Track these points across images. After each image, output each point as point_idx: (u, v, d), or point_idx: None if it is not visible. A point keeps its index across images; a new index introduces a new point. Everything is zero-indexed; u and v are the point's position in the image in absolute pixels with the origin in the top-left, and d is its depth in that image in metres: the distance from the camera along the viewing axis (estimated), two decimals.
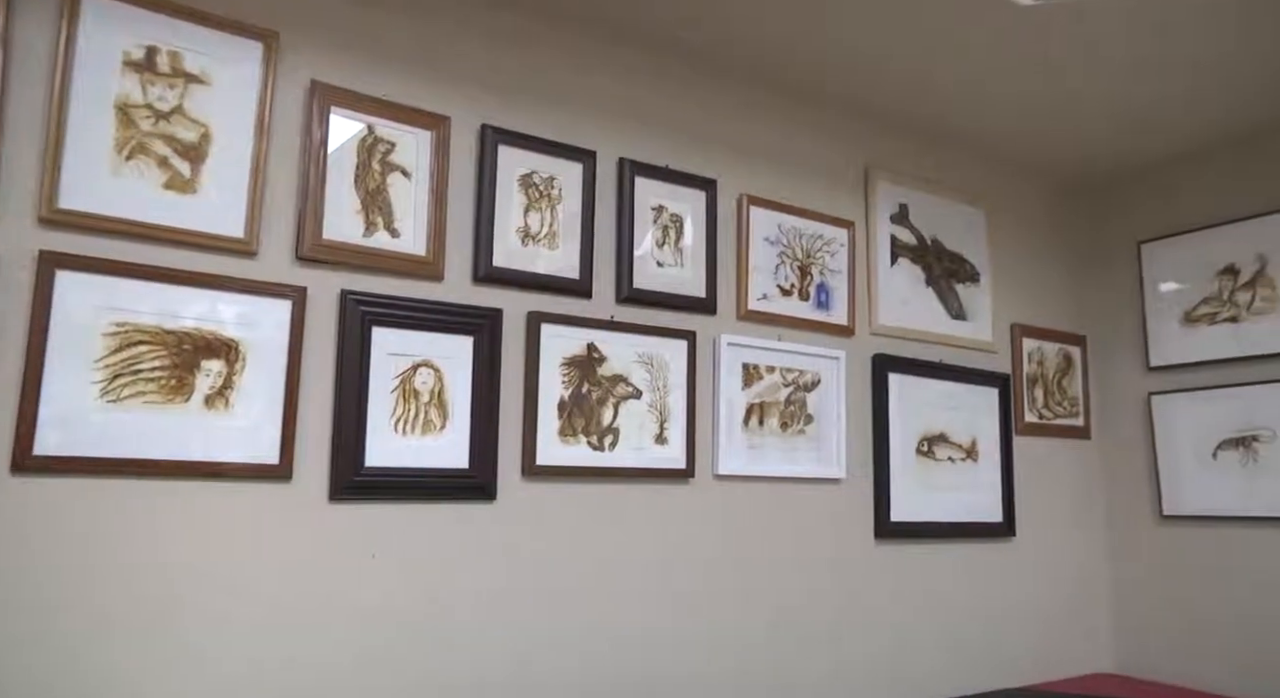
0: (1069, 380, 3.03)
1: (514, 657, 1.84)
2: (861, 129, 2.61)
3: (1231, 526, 2.68)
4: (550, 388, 1.93)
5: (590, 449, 1.97)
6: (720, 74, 2.33)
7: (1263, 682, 2.54)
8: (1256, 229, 2.69)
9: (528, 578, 1.87)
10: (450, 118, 1.91)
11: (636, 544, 2.02)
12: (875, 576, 2.41)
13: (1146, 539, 2.90)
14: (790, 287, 2.35)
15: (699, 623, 2.09)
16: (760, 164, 2.37)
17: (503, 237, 1.92)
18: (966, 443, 2.68)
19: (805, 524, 2.30)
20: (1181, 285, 2.86)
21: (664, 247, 2.15)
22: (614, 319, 2.05)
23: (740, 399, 2.21)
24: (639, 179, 2.12)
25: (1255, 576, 2.61)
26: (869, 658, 2.36)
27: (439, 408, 1.80)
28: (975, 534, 2.64)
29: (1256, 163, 2.73)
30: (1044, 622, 2.79)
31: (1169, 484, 2.84)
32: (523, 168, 1.98)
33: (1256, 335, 2.67)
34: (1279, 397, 2.59)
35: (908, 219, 2.65)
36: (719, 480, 2.16)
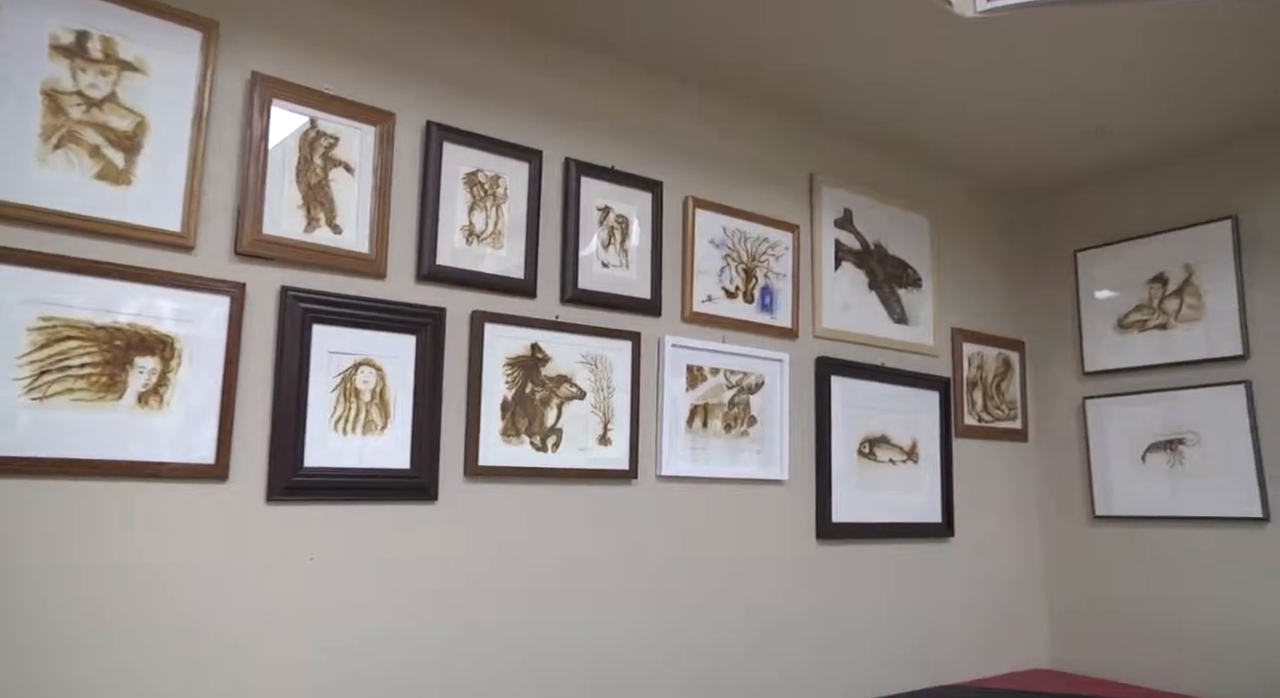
0: (1007, 384, 3.13)
1: (455, 658, 1.84)
2: (807, 134, 2.67)
3: (1159, 525, 2.80)
4: (493, 388, 1.95)
5: (533, 450, 1.99)
6: (667, 77, 2.37)
7: (1189, 675, 2.67)
8: (1184, 240, 2.83)
9: (469, 579, 1.88)
10: (395, 114, 1.91)
11: (579, 545, 2.04)
12: (816, 575, 2.47)
13: (1080, 539, 3.01)
14: (735, 289, 2.40)
15: (641, 623, 2.12)
16: (706, 167, 2.42)
17: (447, 235, 1.94)
18: (907, 445, 2.76)
19: (748, 525, 2.35)
20: (1115, 293, 2.99)
21: (609, 247, 2.18)
22: (558, 319, 2.07)
23: (684, 401, 2.25)
24: (585, 179, 2.15)
25: (1181, 573, 2.73)
26: (810, 657, 2.42)
27: (380, 407, 1.81)
28: (915, 534, 2.72)
29: (1185, 177, 2.87)
30: (981, 620, 2.89)
31: (1101, 485, 2.96)
32: (468, 166, 1.99)
33: (1183, 342, 2.80)
34: (1203, 402, 2.73)
35: (852, 224, 2.72)
36: (662, 481, 2.20)
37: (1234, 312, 2.69)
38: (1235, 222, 2.71)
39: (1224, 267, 2.72)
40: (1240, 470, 2.62)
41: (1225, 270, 2.72)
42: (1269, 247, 2.65)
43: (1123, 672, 2.83)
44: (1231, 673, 2.58)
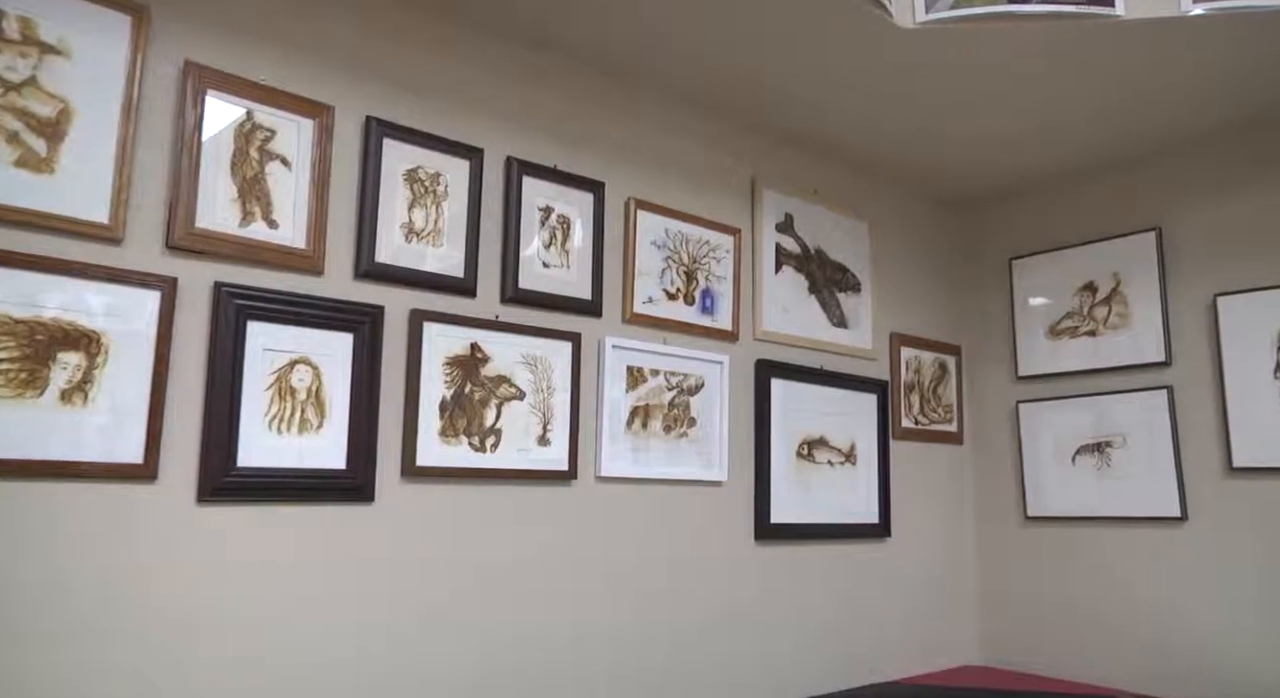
0: (944, 388, 3.25)
1: (393, 659, 1.86)
2: (750, 139, 2.74)
3: (1087, 525, 2.94)
4: (432, 388, 1.96)
5: (472, 450, 2.01)
6: (610, 77, 2.41)
7: (1113, 668, 2.81)
8: (1113, 250, 2.97)
9: (406, 580, 1.90)
10: (334, 108, 1.91)
11: (518, 546, 2.07)
12: (755, 576, 2.54)
13: (1012, 539, 3.14)
14: (676, 291, 2.45)
15: (580, 624, 2.15)
16: (649, 169, 2.47)
17: (386, 232, 1.95)
18: (845, 447, 2.85)
19: (687, 526, 2.40)
20: (1047, 300, 3.13)
21: (551, 248, 2.21)
22: (499, 319, 2.10)
23: (624, 402, 2.30)
24: (526, 179, 2.18)
25: (1108, 571, 2.88)
26: (748, 656, 2.48)
27: (316, 406, 1.81)
28: (852, 535, 2.81)
29: (1113, 189, 3.02)
30: (916, 618, 2.99)
31: (1033, 487, 3.09)
32: (408, 163, 2.00)
33: (1111, 349, 2.94)
34: (1129, 406, 2.87)
35: (793, 229, 2.80)
36: (601, 482, 2.24)
37: (1158, 320, 2.84)
38: (1159, 233, 2.87)
39: (1149, 276, 2.87)
40: (1161, 472, 2.77)
41: (1150, 280, 2.87)
42: (1189, 258, 2.81)
43: (1050, 667, 2.96)
44: (1152, 665, 2.73)
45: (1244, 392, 2.63)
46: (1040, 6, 2.05)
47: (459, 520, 1.99)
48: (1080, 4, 2.05)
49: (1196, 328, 2.77)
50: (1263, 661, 2.53)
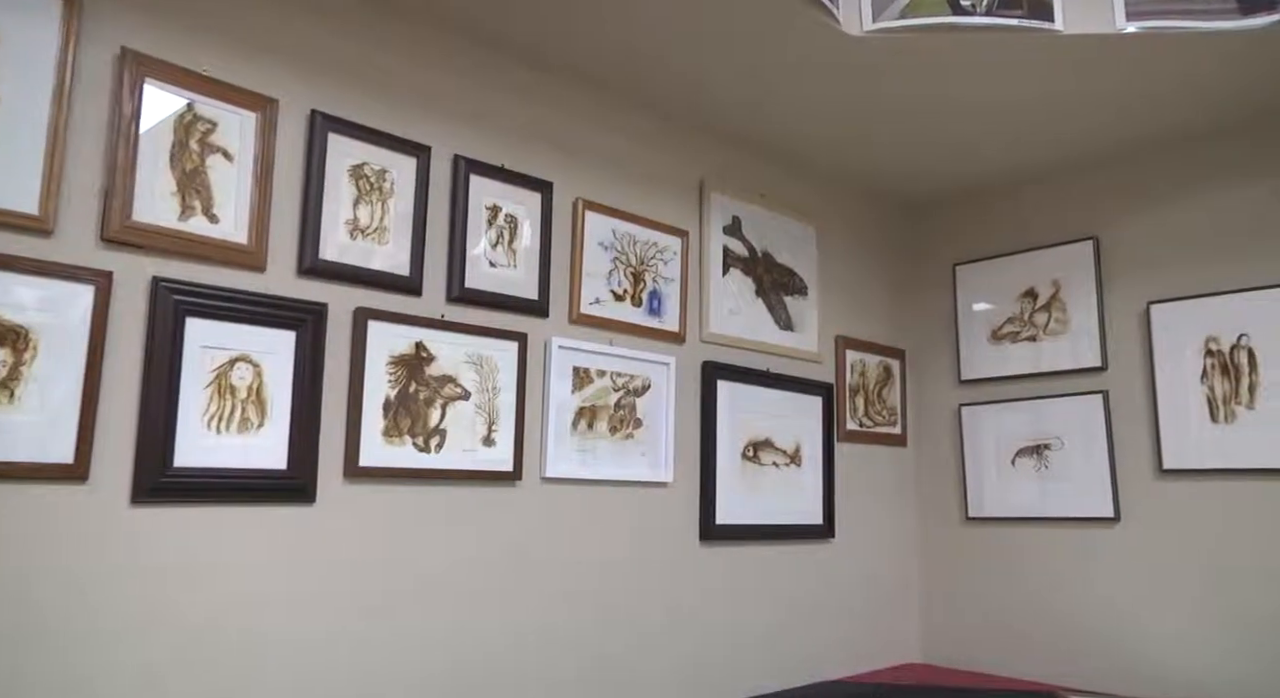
0: (888, 391, 3.34)
1: (334, 661, 1.86)
2: (698, 141, 2.79)
3: (1026, 526, 3.06)
4: (376, 387, 1.97)
5: (416, 450, 2.02)
6: (559, 78, 2.43)
7: (1050, 664, 2.93)
8: (1053, 257, 3.09)
9: (348, 582, 1.90)
10: (278, 101, 1.91)
11: (461, 547, 2.09)
12: (700, 577, 2.58)
13: (953, 539, 3.25)
14: (623, 292, 2.49)
15: (524, 624, 2.17)
16: (597, 169, 2.50)
17: (331, 228, 1.95)
18: (791, 449, 2.91)
19: (632, 527, 2.44)
20: (990, 306, 3.23)
21: (498, 247, 2.23)
22: (444, 318, 2.11)
23: (570, 402, 2.33)
24: (474, 177, 2.20)
25: (1045, 570, 2.99)
26: (693, 656, 2.53)
27: (257, 405, 1.81)
28: (797, 536, 2.88)
29: (1053, 198, 3.14)
30: (859, 618, 3.08)
31: (974, 488, 3.20)
32: (354, 158, 2.01)
33: (1050, 354, 3.06)
34: (1066, 409, 2.99)
35: (740, 231, 2.86)
36: (546, 483, 2.27)
37: (1094, 326, 2.96)
38: (1096, 242, 2.99)
39: (1086, 284, 2.99)
40: (1096, 474, 2.89)
41: (1087, 287, 2.99)
42: (1124, 266, 2.93)
43: (990, 664, 3.07)
44: (1087, 661, 2.85)
45: (1173, 396, 2.76)
46: (984, 19, 2.13)
47: (402, 522, 2.00)
48: (1022, 17, 2.14)
49: (1130, 334, 2.89)
50: (1189, 654, 2.66)
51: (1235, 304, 2.67)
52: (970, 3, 2.14)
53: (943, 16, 2.13)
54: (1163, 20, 2.14)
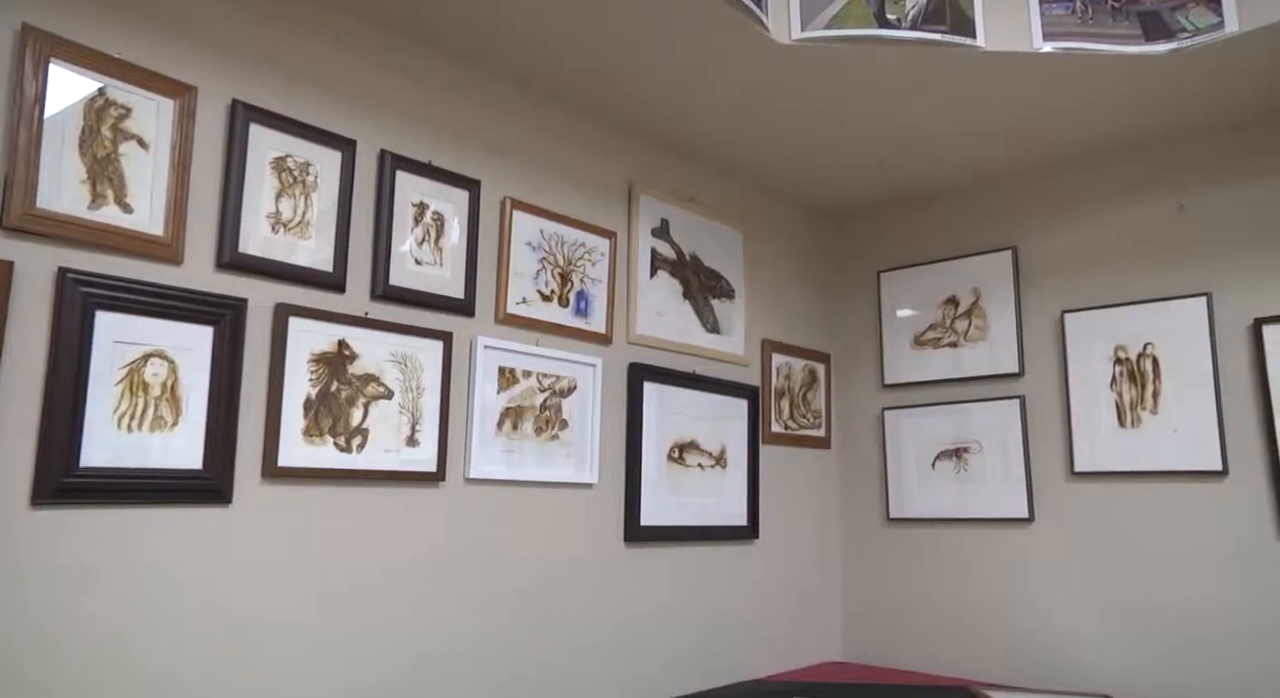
0: (813, 394, 3.45)
1: (252, 669, 1.85)
2: (627, 143, 2.84)
3: (945, 526, 3.19)
4: (296, 385, 1.96)
5: (337, 450, 2.02)
6: (489, 75, 2.45)
7: (967, 661, 3.07)
8: (973, 266, 3.23)
9: (267, 584, 1.89)
10: (197, 88, 1.88)
11: (384, 548, 2.09)
12: (624, 578, 2.63)
13: (874, 540, 3.37)
14: (550, 292, 2.52)
15: (449, 625, 2.19)
16: (526, 169, 2.53)
17: (251, 222, 1.94)
18: (716, 450, 2.99)
19: (557, 528, 2.47)
20: (913, 312, 3.36)
21: (424, 245, 2.25)
22: (368, 316, 2.12)
23: (495, 403, 2.35)
24: (400, 173, 2.21)
25: (962, 569, 3.13)
26: (617, 657, 2.57)
27: (171, 403, 1.79)
28: (721, 537, 2.95)
29: (974, 209, 3.28)
30: (782, 617, 3.17)
31: (895, 490, 3.32)
32: (276, 150, 2.00)
33: (970, 359, 3.20)
34: (985, 414, 3.13)
35: (668, 234, 2.92)
36: (471, 484, 2.29)
37: (1013, 333, 3.10)
38: (1015, 252, 3.14)
39: (1005, 292, 3.14)
40: (1013, 476, 3.03)
41: (1006, 296, 3.14)
42: (1041, 276, 3.09)
43: (908, 661, 3.20)
44: (1002, 656, 3.00)
45: (1085, 401, 2.91)
46: (908, 32, 2.24)
47: (322, 523, 2.00)
48: (945, 33, 2.25)
49: (1046, 341, 3.05)
50: (1097, 648, 2.82)
51: (1142, 314, 2.84)
52: (896, 16, 2.24)
53: (869, 29, 2.23)
54: (1076, 42, 2.28)
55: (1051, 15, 2.28)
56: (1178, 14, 2.27)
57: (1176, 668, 2.67)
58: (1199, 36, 2.24)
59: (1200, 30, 2.24)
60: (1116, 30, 2.29)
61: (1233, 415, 2.66)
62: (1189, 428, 2.72)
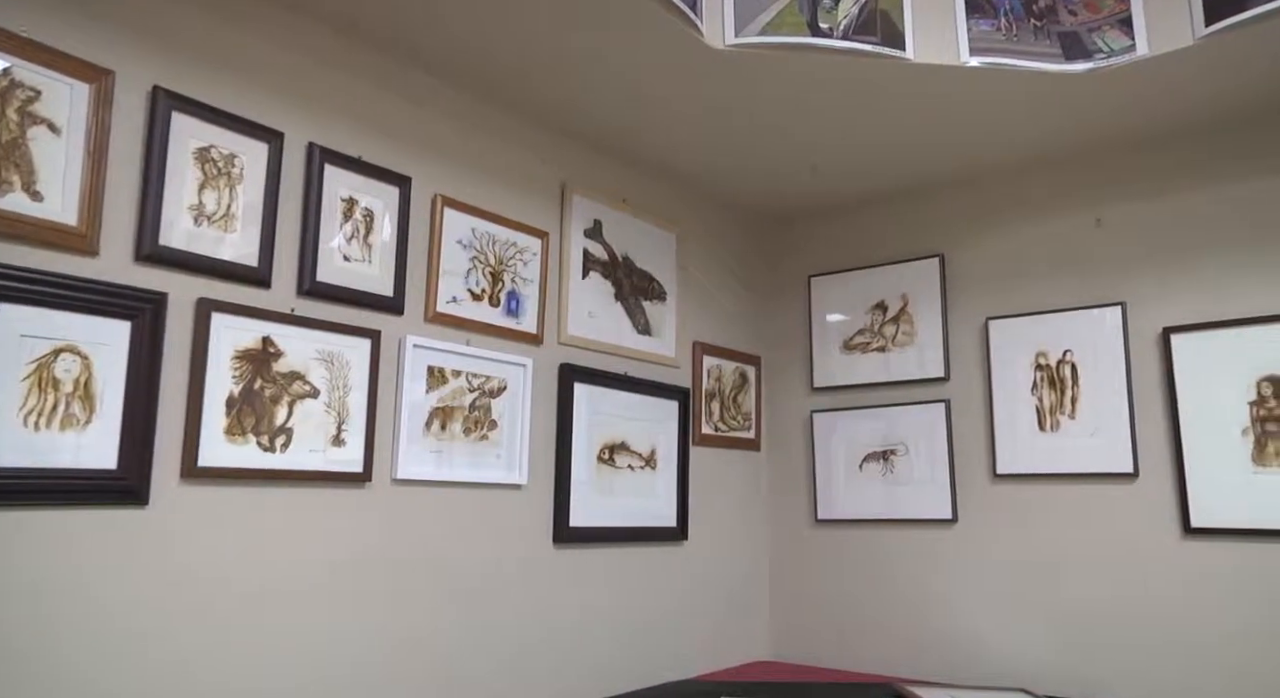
0: (744, 396, 3.52)
1: (170, 674, 1.82)
2: (561, 143, 2.86)
3: (871, 527, 3.29)
4: (218, 383, 1.94)
5: (260, 450, 2.00)
6: (421, 71, 2.45)
7: (893, 658, 3.18)
8: (901, 273, 3.34)
9: (185, 589, 1.87)
10: (114, 73, 1.84)
11: (308, 550, 2.08)
12: (553, 579, 2.66)
13: (802, 541, 3.46)
14: (481, 292, 2.53)
15: (375, 629, 2.19)
16: (458, 166, 2.54)
17: (173, 214, 1.91)
18: (646, 452, 3.03)
19: (485, 529, 2.49)
20: (843, 317, 3.46)
21: (353, 241, 2.24)
22: (294, 313, 2.10)
23: (424, 403, 2.36)
24: (329, 167, 2.20)
25: (888, 569, 3.24)
26: (546, 658, 2.60)
27: (84, 400, 1.76)
28: (650, 538, 3.00)
29: (902, 216, 3.40)
30: (710, 618, 3.23)
31: (823, 491, 3.41)
32: (200, 140, 1.97)
33: (898, 364, 3.30)
34: (911, 417, 3.23)
35: (601, 235, 2.95)
36: (398, 485, 2.29)
37: (939, 339, 3.22)
38: (942, 260, 3.25)
39: (932, 299, 3.25)
40: (938, 478, 3.15)
41: (933, 302, 3.25)
42: (966, 284, 3.21)
43: (834, 659, 3.30)
44: (926, 654, 3.11)
45: (1007, 406, 3.04)
46: (840, 42, 2.31)
47: (244, 524, 1.98)
48: (876, 44, 2.33)
49: (971, 347, 3.17)
50: (1016, 644, 2.95)
51: (1062, 322, 2.98)
52: (828, 26, 2.32)
53: (802, 37, 2.29)
54: (1000, 58, 2.39)
55: (978, 31, 2.39)
56: (1095, 36, 2.39)
57: (1088, 662, 2.81)
58: (1113, 58, 2.37)
59: (1115, 52, 2.37)
60: (1038, 49, 2.41)
61: (1143, 420, 2.81)
62: (1104, 432, 2.86)
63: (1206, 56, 2.33)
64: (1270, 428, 2.59)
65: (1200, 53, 2.31)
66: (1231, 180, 2.76)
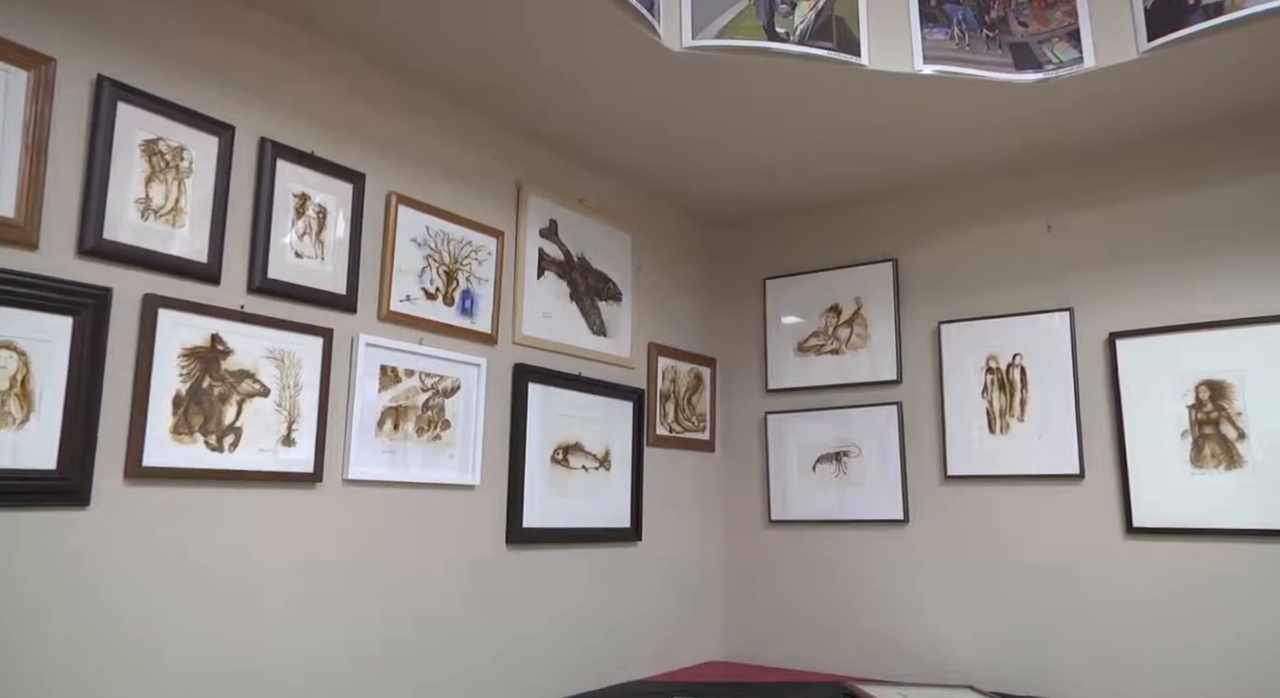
0: (698, 398, 3.55)
1: (114, 679, 1.80)
2: (517, 142, 2.87)
3: (824, 528, 3.34)
4: (165, 381, 1.91)
5: (208, 450, 1.98)
6: (377, 67, 2.44)
7: (846, 657, 3.23)
8: (856, 276, 3.39)
9: (128, 591, 1.84)
10: (56, 60, 1.80)
11: (257, 551, 2.06)
12: (506, 580, 2.66)
13: (756, 541, 3.50)
14: (435, 290, 2.53)
15: (326, 631, 2.17)
16: (413, 164, 2.53)
17: (118, 207, 1.88)
18: (600, 452, 3.05)
19: (437, 530, 2.48)
20: (798, 319, 3.50)
21: (305, 238, 2.22)
22: (244, 310, 2.08)
23: (376, 402, 2.34)
24: (281, 163, 2.18)
25: (840, 570, 3.29)
26: (500, 659, 2.60)
27: (22, 398, 1.72)
28: (604, 539, 3.01)
29: (857, 220, 3.46)
30: (664, 618, 3.25)
31: (777, 492, 3.45)
32: (147, 132, 1.94)
33: (852, 366, 3.36)
34: (864, 419, 3.29)
35: (557, 235, 2.96)
36: (349, 485, 2.27)
37: (892, 342, 3.27)
38: (895, 264, 3.31)
39: (885, 303, 3.31)
40: (890, 479, 3.20)
41: (886, 306, 3.31)
42: (919, 288, 3.27)
43: (787, 659, 3.34)
44: (878, 653, 3.16)
45: (959, 408, 3.10)
46: (796, 47, 2.35)
47: (190, 526, 1.95)
48: (832, 49, 2.37)
49: (923, 351, 3.23)
50: (965, 642, 3.01)
51: (1012, 326, 3.05)
52: (785, 30, 2.35)
53: (758, 40, 2.32)
54: (953, 67, 2.44)
55: (932, 39, 2.44)
56: (1044, 47, 2.46)
57: (1035, 658, 2.88)
58: (1062, 69, 2.44)
59: (1063, 63, 2.44)
60: (990, 58, 2.47)
61: (1089, 422, 2.89)
62: (1051, 434, 2.93)
63: (1149, 70, 2.41)
64: (1207, 431, 2.68)
65: (1143, 67, 2.39)
66: (1174, 190, 2.85)
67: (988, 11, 2.49)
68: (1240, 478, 2.62)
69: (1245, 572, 2.60)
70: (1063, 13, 2.45)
